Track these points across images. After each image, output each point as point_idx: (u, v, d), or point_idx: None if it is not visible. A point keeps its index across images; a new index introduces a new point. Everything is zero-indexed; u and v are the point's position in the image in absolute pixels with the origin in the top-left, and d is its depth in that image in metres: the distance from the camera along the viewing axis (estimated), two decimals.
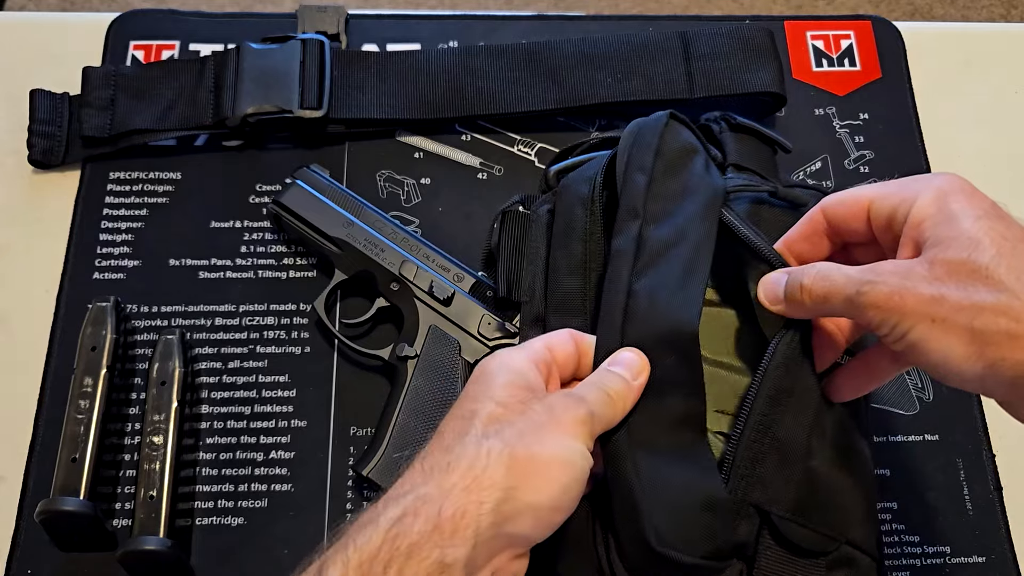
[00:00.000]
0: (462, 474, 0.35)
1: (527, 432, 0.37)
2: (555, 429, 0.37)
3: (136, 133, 0.59)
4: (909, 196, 0.39)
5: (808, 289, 0.40)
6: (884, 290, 0.36)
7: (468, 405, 0.39)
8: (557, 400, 0.39)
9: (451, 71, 0.62)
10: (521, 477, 0.36)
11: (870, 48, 0.66)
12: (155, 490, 0.49)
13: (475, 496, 0.35)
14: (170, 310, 0.56)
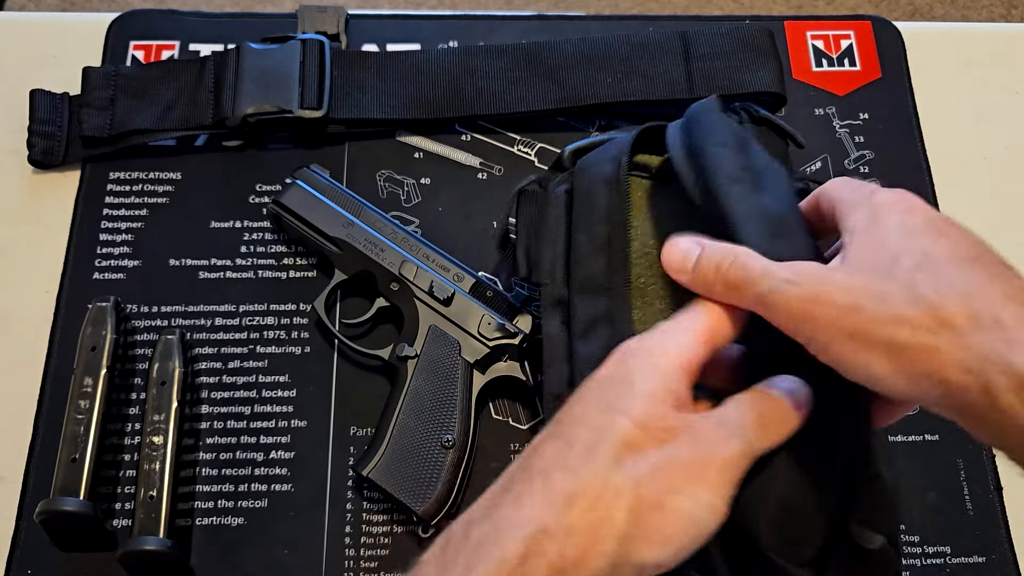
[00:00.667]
0: (584, 510, 0.32)
1: (663, 471, 0.33)
2: (696, 474, 0.33)
3: (136, 133, 0.59)
4: (850, 204, 0.37)
5: (724, 273, 0.37)
6: (799, 294, 0.34)
7: (601, 415, 0.34)
8: (706, 430, 0.34)
9: (451, 71, 0.62)
10: (639, 527, 0.32)
11: (870, 48, 0.66)
12: (155, 490, 0.49)
13: (596, 543, 0.32)
14: (170, 310, 0.56)
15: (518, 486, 0.33)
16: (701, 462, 0.33)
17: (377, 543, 0.51)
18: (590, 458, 0.33)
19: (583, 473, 0.32)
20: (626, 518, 0.32)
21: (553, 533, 0.32)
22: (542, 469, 0.33)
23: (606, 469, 0.32)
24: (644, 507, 0.32)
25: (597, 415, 0.34)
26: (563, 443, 0.34)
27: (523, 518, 0.32)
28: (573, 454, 0.33)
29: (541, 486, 0.33)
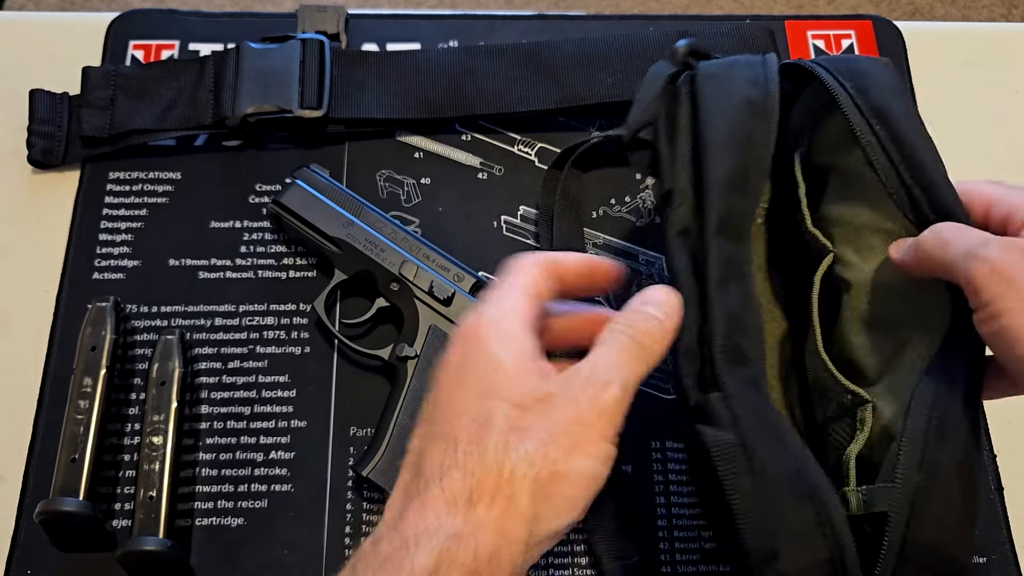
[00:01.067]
0: (487, 505, 0.32)
1: (551, 442, 0.33)
2: (583, 433, 0.33)
3: (136, 133, 0.59)
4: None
5: (919, 242, 0.38)
6: (997, 257, 0.34)
7: (478, 404, 0.34)
8: (580, 387, 0.34)
9: (451, 71, 0.62)
10: (545, 502, 0.33)
11: (871, 48, 0.66)
12: (155, 490, 0.49)
13: (506, 535, 0.32)
14: (170, 310, 0.56)
15: (418, 494, 0.33)
16: (584, 420, 0.34)
17: None
18: (480, 451, 0.33)
19: (476, 468, 0.32)
20: (530, 500, 0.32)
21: (462, 536, 0.31)
22: (435, 472, 0.33)
23: (498, 458, 0.32)
24: (544, 483, 0.33)
25: (475, 404, 0.34)
26: (448, 442, 0.33)
27: (429, 527, 0.32)
28: (461, 451, 0.33)
29: (439, 491, 0.32)
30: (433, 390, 0.36)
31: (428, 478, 0.33)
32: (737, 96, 0.44)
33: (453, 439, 0.34)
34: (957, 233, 0.37)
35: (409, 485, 0.34)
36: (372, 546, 0.33)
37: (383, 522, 0.34)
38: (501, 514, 0.32)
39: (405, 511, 0.33)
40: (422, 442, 0.35)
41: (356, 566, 0.33)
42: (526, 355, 0.35)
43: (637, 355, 0.36)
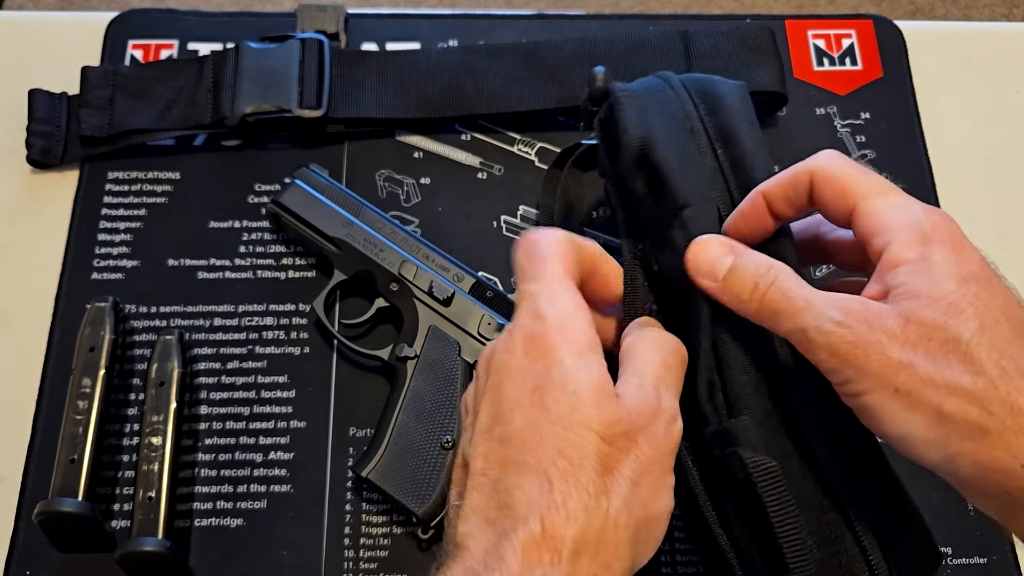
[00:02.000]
0: (592, 557, 0.30)
1: (640, 484, 0.32)
2: (661, 472, 0.33)
3: (135, 133, 0.59)
4: (891, 228, 0.34)
5: (761, 296, 0.34)
6: (848, 338, 0.31)
7: (566, 434, 0.32)
8: (654, 422, 0.33)
9: (451, 70, 0.62)
10: (640, 546, 0.32)
11: (871, 47, 0.66)
12: (154, 491, 0.48)
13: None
14: (169, 310, 0.55)
15: (514, 532, 0.31)
16: (661, 459, 0.33)
17: (376, 544, 0.50)
18: (578, 494, 0.31)
19: (579, 515, 0.31)
20: (628, 547, 0.32)
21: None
22: (532, 510, 0.31)
23: (600, 505, 0.31)
24: (639, 527, 0.32)
25: (561, 433, 0.32)
26: (540, 478, 0.31)
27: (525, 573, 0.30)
28: (558, 491, 0.31)
29: (540, 534, 0.30)
30: (496, 400, 0.34)
31: (524, 515, 0.31)
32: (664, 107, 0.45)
33: (545, 475, 0.31)
34: (798, 289, 0.34)
35: (495, 517, 0.32)
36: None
37: (469, 553, 0.31)
38: (606, 565, 0.31)
39: (502, 551, 0.30)
40: (502, 467, 0.32)
41: None
42: (602, 374, 0.34)
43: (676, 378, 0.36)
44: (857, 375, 0.31)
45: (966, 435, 0.30)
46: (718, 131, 0.43)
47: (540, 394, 0.33)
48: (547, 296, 0.36)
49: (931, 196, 0.61)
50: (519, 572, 0.30)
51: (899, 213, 0.34)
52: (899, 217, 0.34)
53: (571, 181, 0.58)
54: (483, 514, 0.32)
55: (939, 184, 0.61)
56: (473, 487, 0.33)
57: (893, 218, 0.34)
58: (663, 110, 0.44)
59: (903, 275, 0.32)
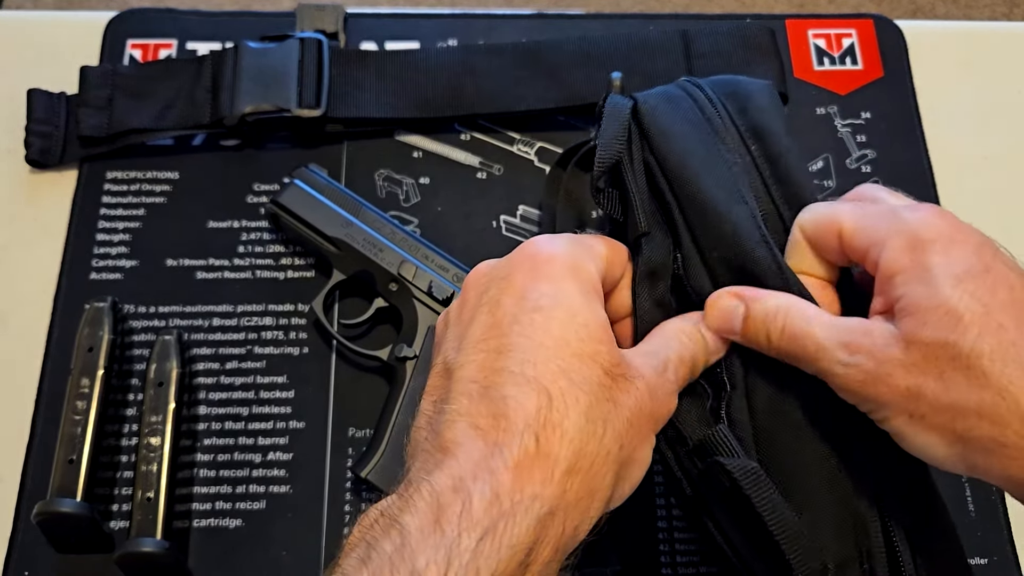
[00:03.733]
0: (581, 483, 0.30)
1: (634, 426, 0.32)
2: (653, 425, 0.33)
3: (134, 132, 0.59)
4: (880, 238, 0.33)
5: (776, 342, 0.35)
6: (858, 377, 0.32)
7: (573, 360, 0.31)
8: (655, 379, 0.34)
9: (450, 70, 0.61)
10: (618, 483, 0.32)
11: (872, 47, 0.66)
12: (152, 491, 0.48)
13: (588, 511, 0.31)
14: (167, 310, 0.55)
15: (507, 445, 0.29)
16: (655, 416, 0.34)
17: None
18: (576, 415, 0.30)
19: (575, 436, 0.30)
20: (612, 482, 0.32)
21: (556, 512, 0.29)
22: (528, 426, 0.30)
23: (595, 429, 0.30)
24: (624, 465, 0.32)
25: (567, 357, 0.31)
26: (540, 393, 0.30)
27: (527, 497, 0.29)
28: (556, 411, 0.30)
29: (535, 451, 0.29)
30: (494, 312, 0.33)
31: (519, 428, 0.30)
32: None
33: (545, 390, 0.30)
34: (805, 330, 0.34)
35: (487, 426, 0.30)
36: (454, 492, 0.29)
37: (456, 461, 0.30)
38: (590, 491, 0.30)
39: (493, 464, 0.29)
40: (496, 375, 0.31)
41: (440, 519, 0.28)
42: (607, 321, 0.33)
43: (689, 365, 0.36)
44: (875, 406, 0.33)
45: (984, 450, 0.30)
46: (750, 131, 0.42)
47: (544, 316, 0.32)
48: (570, 238, 0.36)
49: (931, 196, 0.61)
50: (510, 489, 0.29)
51: (885, 220, 0.34)
52: (886, 223, 0.34)
53: (573, 181, 0.58)
54: (472, 420, 0.31)
55: (939, 184, 0.61)
56: (461, 392, 0.32)
57: (881, 225, 0.34)
58: (689, 116, 0.42)
59: (900, 286, 0.32)
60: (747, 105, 0.43)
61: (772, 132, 0.42)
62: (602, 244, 0.38)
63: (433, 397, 0.34)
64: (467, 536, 0.28)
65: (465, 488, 0.29)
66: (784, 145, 0.42)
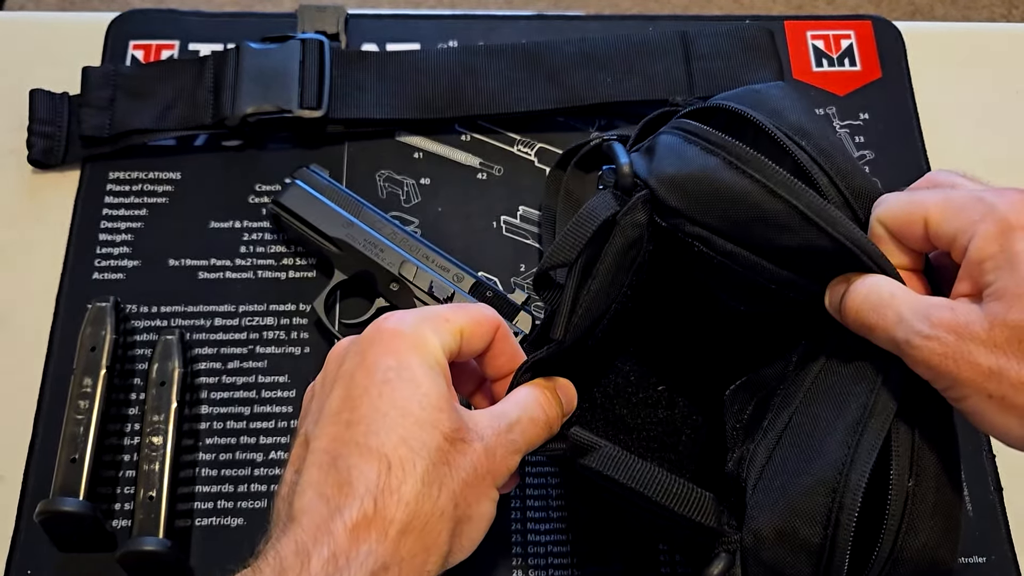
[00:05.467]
0: (415, 541, 0.32)
1: (469, 485, 0.34)
2: (491, 482, 0.35)
3: (135, 133, 0.59)
4: (968, 224, 0.34)
5: (854, 314, 0.36)
6: (937, 350, 0.32)
7: (413, 428, 0.34)
8: (497, 442, 0.36)
9: (451, 71, 0.62)
10: (456, 540, 0.34)
11: (870, 48, 0.66)
12: (154, 491, 0.49)
13: (423, 568, 0.33)
14: (169, 310, 0.56)
15: (347, 508, 0.32)
16: (494, 473, 0.35)
17: None
18: (415, 482, 0.33)
19: (411, 500, 0.32)
20: (448, 538, 0.34)
21: (390, 567, 0.32)
22: (368, 491, 0.32)
23: (431, 493, 0.33)
24: (461, 523, 0.34)
25: (409, 427, 0.34)
26: (381, 462, 0.33)
27: (361, 552, 0.31)
28: (394, 478, 0.33)
29: (373, 513, 0.32)
30: (347, 386, 0.35)
31: (360, 494, 0.32)
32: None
33: (386, 458, 0.33)
34: (890, 302, 0.35)
35: (331, 494, 0.33)
36: (295, 556, 0.32)
37: (300, 527, 0.32)
38: (424, 549, 0.33)
39: (333, 526, 0.32)
40: (344, 447, 0.34)
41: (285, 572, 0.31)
42: (448, 391, 0.36)
43: (539, 428, 0.38)
44: (953, 383, 0.33)
45: None
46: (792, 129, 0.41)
47: (391, 387, 0.34)
48: (423, 315, 0.37)
49: None
50: (347, 547, 0.31)
51: (972, 205, 0.34)
52: (973, 211, 0.34)
53: (574, 182, 0.58)
54: (319, 489, 0.33)
55: None
56: (313, 463, 0.34)
57: (969, 211, 0.34)
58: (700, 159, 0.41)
59: (989, 272, 0.33)
60: (778, 108, 0.42)
61: (813, 129, 0.41)
62: (460, 314, 0.39)
63: (294, 467, 0.36)
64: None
65: (305, 550, 0.31)
66: (831, 140, 0.41)
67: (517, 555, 0.50)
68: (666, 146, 0.43)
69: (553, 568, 0.50)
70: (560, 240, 0.40)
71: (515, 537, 0.51)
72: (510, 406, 0.38)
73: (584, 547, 0.51)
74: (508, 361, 0.41)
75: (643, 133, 0.50)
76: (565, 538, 0.51)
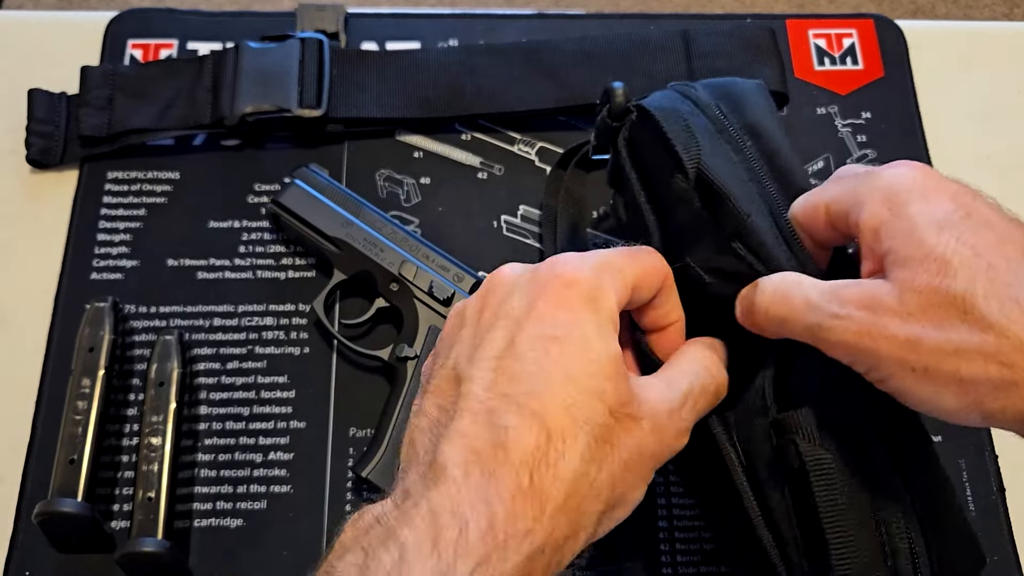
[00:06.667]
0: (568, 521, 0.31)
1: (629, 469, 0.32)
2: (651, 468, 0.33)
3: (134, 132, 0.59)
4: (858, 197, 0.33)
5: (763, 309, 0.35)
6: (851, 328, 0.31)
7: (575, 394, 0.31)
8: (663, 421, 0.33)
9: (451, 70, 0.61)
10: (604, 523, 0.33)
11: (872, 47, 0.66)
12: (153, 491, 0.48)
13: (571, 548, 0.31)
14: (168, 310, 0.55)
15: (501, 477, 0.30)
16: (657, 456, 0.33)
17: None
18: (573, 459, 0.31)
19: (568, 475, 0.30)
20: (596, 520, 0.32)
21: (544, 548, 0.30)
22: (525, 459, 0.30)
23: (587, 471, 0.31)
24: (612, 505, 0.32)
25: (573, 392, 0.31)
26: (540, 428, 0.31)
27: (520, 530, 0.30)
28: (554, 448, 0.30)
29: (528, 485, 0.30)
30: (514, 331, 0.33)
31: (515, 463, 0.30)
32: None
33: (546, 427, 0.31)
34: (798, 291, 0.34)
35: (485, 453, 0.30)
36: (452, 516, 0.29)
37: (454, 485, 0.30)
38: (575, 531, 0.31)
39: (488, 495, 0.30)
40: (502, 402, 0.31)
41: (439, 538, 0.29)
42: (619, 354, 0.33)
43: (708, 400, 0.36)
44: (874, 361, 0.31)
45: (995, 393, 0.29)
46: (745, 128, 0.42)
47: (559, 346, 0.32)
48: (592, 271, 0.34)
49: None
50: (504, 521, 0.29)
51: (860, 182, 0.34)
52: (863, 184, 0.34)
53: (574, 181, 0.58)
54: (471, 442, 0.31)
55: None
56: (466, 409, 0.32)
57: (857, 187, 0.34)
58: (696, 123, 0.42)
59: (884, 240, 0.32)
60: (741, 104, 0.43)
61: (766, 129, 0.42)
62: (633, 264, 0.36)
63: (439, 400, 0.33)
64: (463, 563, 0.28)
65: (462, 514, 0.29)
66: (778, 141, 0.42)
67: None
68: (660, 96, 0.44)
69: None
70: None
71: None
72: (680, 374, 0.35)
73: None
74: (666, 314, 0.38)
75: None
76: None
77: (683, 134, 0.40)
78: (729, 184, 0.39)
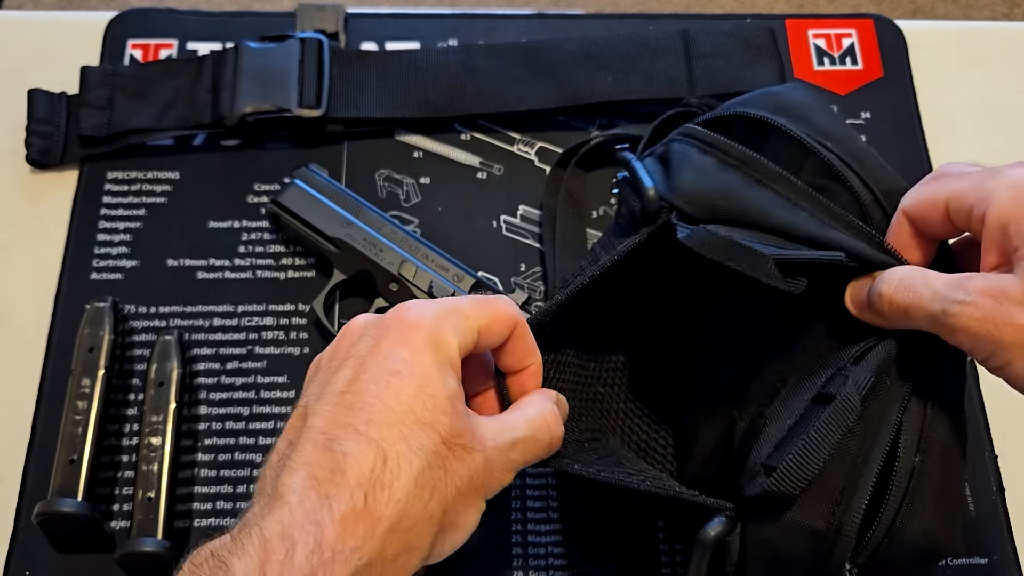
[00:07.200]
0: (400, 540, 0.32)
1: (461, 494, 0.34)
2: (483, 495, 0.35)
3: (134, 132, 0.59)
4: (984, 194, 0.35)
5: (888, 298, 0.36)
6: (976, 315, 0.33)
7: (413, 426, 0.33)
8: (496, 456, 0.35)
9: (450, 70, 0.61)
10: (437, 546, 0.34)
11: (872, 47, 0.66)
12: (153, 491, 0.48)
13: (404, 568, 0.33)
14: (168, 310, 0.55)
15: (335, 497, 0.31)
16: (487, 487, 0.35)
17: None
18: (408, 482, 0.32)
19: (403, 500, 0.32)
20: (430, 542, 0.33)
21: (373, 565, 0.31)
22: (360, 482, 0.32)
23: (423, 495, 0.32)
24: (445, 529, 0.34)
25: (409, 423, 0.33)
26: (377, 453, 0.32)
27: (346, 548, 0.31)
28: (388, 473, 0.32)
29: (362, 506, 0.31)
30: (357, 370, 0.35)
31: (351, 485, 0.32)
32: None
33: (382, 451, 0.32)
34: (923, 281, 0.36)
35: (323, 477, 0.32)
36: (280, 540, 0.31)
37: (288, 509, 0.31)
38: (409, 550, 0.33)
39: (320, 517, 0.31)
40: (342, 431, 0.33)
41: (265, 564, 0.30)
42: (458, 392, 0.35)
43: (540, 449, 0.38)
44: (996, 348, 0.33)
45: None
46: (819, 133, 0.42)
47: (399, 380, 0.34)
48: (434, 315, 0.36)
49: None
50: (333, 540, 0.31)
51: (986, 178, 0.35)
52: (990, 181, 0.35)
53: (574, 181, 0.58)
54: (311, 470, 0.32)
55: None
56: (308, 440, 0.33)
57: (983, 184, 0.35)
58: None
59: (1015, 236, 0.33)
60: (801, 112, 0.43)
61: (839, 131, 0.43)
62: (481, 311, 0.38)
63: (288, 436, 0.35)
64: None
65: (291, 536, 0.31)
66: (856, 141, 0.42)
67: (517, 555, 0.50)
68: (681, 157, 0.44)
69: (553, 568, 0.50)
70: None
71: (515, 537, 0.51)
72: (519, 420, 0.37)
73: (584, 547, 0.50)
74: (522, 358, 0.40)
75: (656, 134, 0.50)
76: (565, 538, 0.51)
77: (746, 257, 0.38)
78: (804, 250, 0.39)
